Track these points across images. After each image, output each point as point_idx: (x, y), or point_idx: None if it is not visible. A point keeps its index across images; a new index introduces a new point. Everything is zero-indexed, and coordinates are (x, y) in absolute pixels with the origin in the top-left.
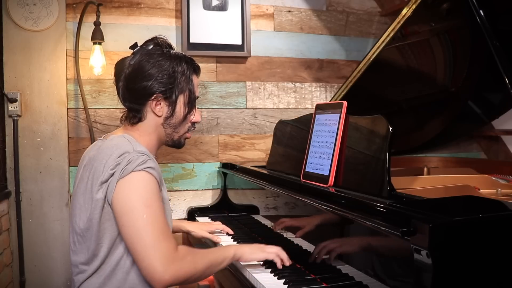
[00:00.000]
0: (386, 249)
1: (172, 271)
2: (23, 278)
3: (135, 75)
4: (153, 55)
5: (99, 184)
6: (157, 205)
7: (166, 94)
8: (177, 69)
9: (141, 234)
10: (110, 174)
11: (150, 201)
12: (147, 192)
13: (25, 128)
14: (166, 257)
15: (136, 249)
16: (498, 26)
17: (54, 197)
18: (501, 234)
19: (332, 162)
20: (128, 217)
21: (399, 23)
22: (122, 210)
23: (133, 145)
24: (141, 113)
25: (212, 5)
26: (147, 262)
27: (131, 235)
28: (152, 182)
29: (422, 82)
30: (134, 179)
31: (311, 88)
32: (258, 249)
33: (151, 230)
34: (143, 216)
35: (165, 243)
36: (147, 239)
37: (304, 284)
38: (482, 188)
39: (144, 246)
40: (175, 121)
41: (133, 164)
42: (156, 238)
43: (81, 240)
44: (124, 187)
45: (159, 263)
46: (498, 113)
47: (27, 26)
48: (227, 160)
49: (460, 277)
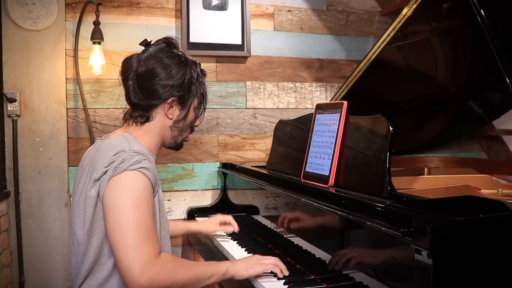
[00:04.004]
0: (387, 249)
1: (149, 276)
2: (23, 278)
3: (151, 75)
4: (170, 57)
5: (93, 182)
6: (145, 207)
7: (182, 99)
8: (194, 75)
9: (124, 233)
10: (103, 172)
11: (139, 201)
12: (137, 192)
13: (24, 128)
14: (145, 261)
15: (117, 248)
16: (499, 25)
17: (54, 197)
18: (501, 235)
19: (332, 162)
20: (114, 215)
21: (400, 23)
22: (110, 207)
23: (130, 144)
24: (149, 113)
25: (212, 4)
26: (125, 263)
27: (115, 233)
28: (144, 182)
29: (422, 82)
30: (126, 177)
31: (311, 88)
32: (254, 263)
33: (134, 230)
34: (129, 215)
35: (147, 246)
36: (129, 240)
37: (304, 284)
38: (482, 188)
39: (125, 246)
40: (184, 125)
41: (127, 163)
42: (138, 240)
43: (79, 241)
44: (115, 184)
45: (137, 265)
46: (499, 113)
47: (26, 26)
48: (227, 160)
49: (460, 277)
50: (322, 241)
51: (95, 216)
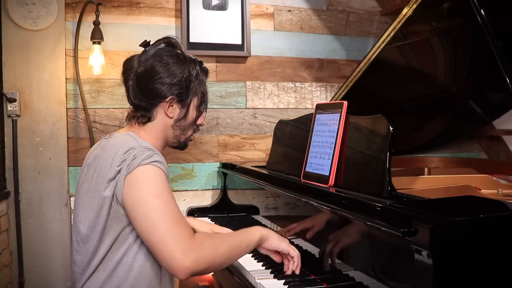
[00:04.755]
0: (387, 249)
1: (192, 257)
2: (22, 278)
3: (150, 75)
4: (168, 56)
5: (107, 182)
6: (167, 195)
7: (181, 97)
8: (192, 73)
9: (155, 224)
10: (117, 171)
11: (159, 191)
12: (156, 183)
13: (24, 128)
14: (183, 244)
15: (151, 241)
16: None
17: (53, 197)
18: (502, 235)
19: (333, 162)
20: (139, 210)
21: (400, 23)
22: (133, 204)
23: (138, 141)
24: (150, 113)
25: (212, 4)
26: (165, 252)
27: (145, 227)
28: (160, 173)
29: (422, 82)
30: (141, 173)
31: (311, 88)
32: (284, 240)
33: (164, 219)
34: (154, 207)
35: (180, 230)
36: (161, 229)
37: (304, 284)
38: (483, 188)
39: (159, 236)
40: (185, 123)
41: (139, 158)
42: (170, 226)
43: (85, 240)
44: (132, 182)
45: (177, 250)
46: (499, 113)
47: (26, 26)
48: (227, 160)
49: (461, 277)
50: (322, 241)
51: (110, 215)
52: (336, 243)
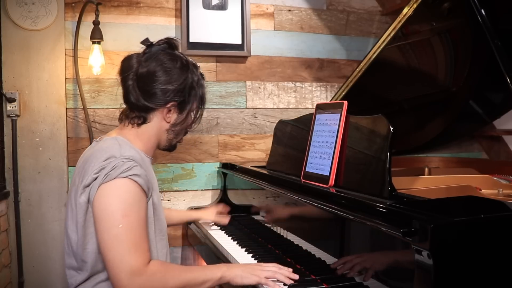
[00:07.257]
0: (387, 249)
1: (136, 285)
2: (22, 279)
3: (152, 78)
4: (171, 59)
5: (82, 188)
6: (135, 216)
7: (182, 104)
8: (195, 79)
9: (114, 243)
10: (93, 178)
11: (128, 211)
12: (127, 200)
13: (24, 128)
14: (133, 270)
15: (107, 256)
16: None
17: (53, 198)
18: (502, 235)
19: (333, 162)
20: (104, 224)
21: (400, 23)
22: (100, 215)
23: (122, 149)
24: (147, 115)
25: (212, 4)
26: (114, 272)
27: (105, 240)
28: (135, 190)
29: (423, 82)
30: (116, 186)
31: (312, 88)
32: (250, 273)
33: (124, 240)
34: (118, 225)
35: (135, 256)
36: (118, 249)
37: (304, 285)
38: (483, 188)
39: (114, 255)
40: (180, 128)
41: (118, 170)
42: (127, 250)
43: (71, 243)
44: (105, 192)
45: (124, 275)
46: (500, 113)
47: (26, 26)
48: (227, 160)
49: (461, 277)
50: (323, 241)
51: (87, 222)
52: (336, 243)
